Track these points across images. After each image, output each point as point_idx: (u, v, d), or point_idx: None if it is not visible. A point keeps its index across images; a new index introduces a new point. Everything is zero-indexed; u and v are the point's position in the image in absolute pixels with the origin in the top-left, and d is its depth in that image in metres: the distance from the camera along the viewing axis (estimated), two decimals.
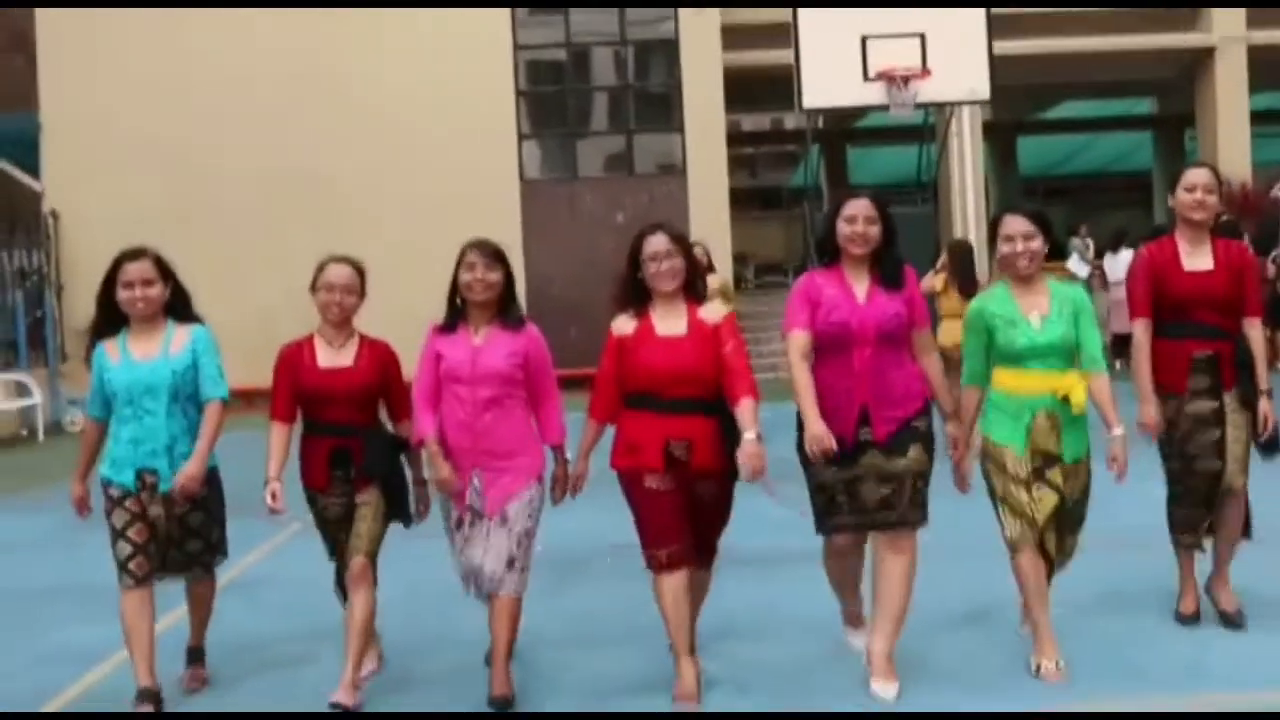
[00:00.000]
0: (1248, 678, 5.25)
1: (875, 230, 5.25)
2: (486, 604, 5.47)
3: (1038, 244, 5.36)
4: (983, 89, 15.24)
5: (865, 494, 5.21)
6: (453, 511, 5.45)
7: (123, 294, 5.38)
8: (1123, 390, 5.63)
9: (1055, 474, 5.34)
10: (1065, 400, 5.31)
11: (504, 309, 5.46)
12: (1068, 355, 5.40)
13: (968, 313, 5.56)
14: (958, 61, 14.94)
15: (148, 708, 5.27)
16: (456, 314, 5.46)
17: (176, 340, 5.44)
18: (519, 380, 5.41)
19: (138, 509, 5.37)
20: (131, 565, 5.35)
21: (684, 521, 5.30)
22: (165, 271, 5.47)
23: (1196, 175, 5.80)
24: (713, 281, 10.30)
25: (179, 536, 5.44)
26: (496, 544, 5.35)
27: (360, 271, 5.60)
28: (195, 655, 5.76)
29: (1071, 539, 5.50)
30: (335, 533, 5.57)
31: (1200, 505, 5.87)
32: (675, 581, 5.27)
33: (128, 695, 5.31)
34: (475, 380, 5.33)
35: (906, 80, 14.69)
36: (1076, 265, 19.66)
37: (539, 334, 5.52)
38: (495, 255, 5.43)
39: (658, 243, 5.34)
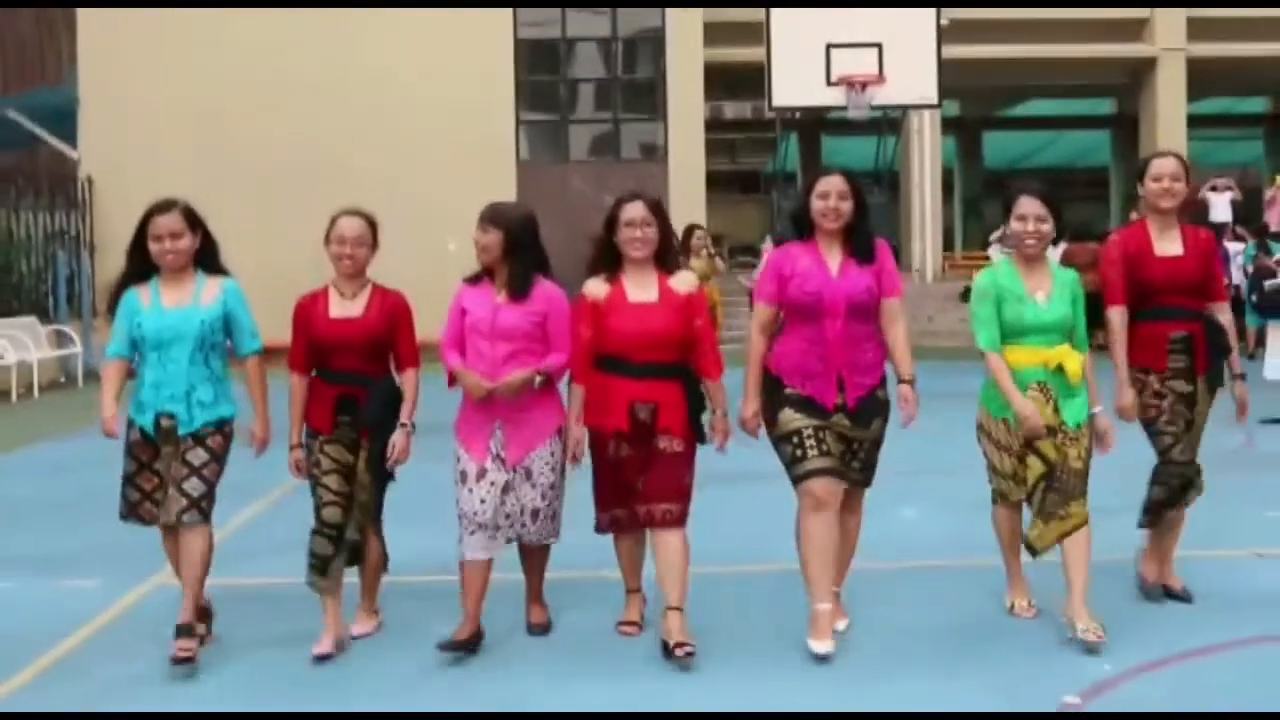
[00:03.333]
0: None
1: (847, 206, 5.33)
2: (473, 568, 5.38)
3: (1047, 227, 5.45)
4: (931, 95, 17.00)
5: (832, 443, 5.28)
6: (471, 461, 5.38)
7: (153, 246, 5.35)
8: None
9: (1047, 445, 5.39)
10: (1059, 370, 5.40)
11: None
12: (1065, 332, 5.48)
13: (979, 282, 5.61)
14: (911, 70, 16.59)
15: (189, 644, 5.19)
16: (483, 270, 5.49)
17: (207, 291, 5.43)
18: (538, 337, 5.38)
19: (147, 457, 5.38)
20: (141, 510, 5.41)
21: (624, 490, 5.40)
22: (194, 223, 5.43)
23: (1163, 165, 5.86)
24: (699, 264, 10.63)
25: (180, 475, 5.30)
26: (522, 497, 5.38)
27: (372, 224, 5.56)
28: (185, 630, 5.22)
29: (1077, 506, 5.40)
30: (327, 477, 5.41)
31: (1179, 490, 5.81)
32: (626, 542, 5.63)
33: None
34: (495, 335, 5.35)
35: (864, 85, 16.40)
36: (995, 252, 21.28)
37: (560, 293, 5.49)
38: (490, 219, 5.41)
39: (634, 210, 5.40)
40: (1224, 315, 5.92)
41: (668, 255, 5.49)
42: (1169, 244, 5.81)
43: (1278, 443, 10.24)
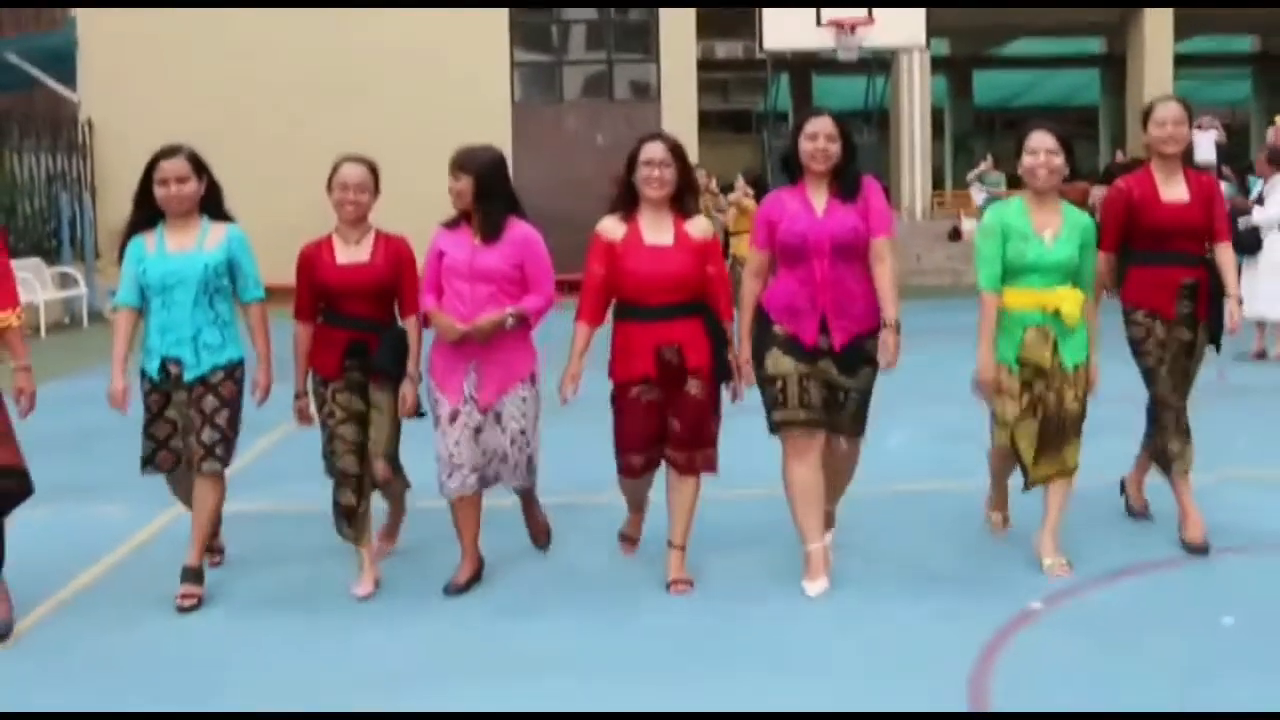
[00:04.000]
0: None
1: (835, 147, 5.33)
2: (459, 506, 5.51)
3: (1059, 160, 5.42)
4: (919, 37, 17.27)
5: (814, 393, 5.32)
6: (445, 404, 5.43)
7: (159, 190, 5.37)
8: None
9: (1039, 384, 5.43)
10: (1056, 314, 5.39)
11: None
12: (1069, 274, 5.45)
13: (987, 219, 5.58)
14: (898, 12, 16.86)
15: (195, 589, 5.40)
16: (459, 214, 5.50)
17: (212, 236, 5.45)
18: (516, 279, 5.41)
19: (157, 407, 5.44)
20: (158, 459, 5.48)
21: (653, 433, 5.41)
22: (200, 168, 5.46)
23: (1167, 110, 5.81)
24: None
25: (195, 424, 5.38)
26: (492, 440, 5.43)
27: (373, 170, 5.57)
28: (193, 575, 5.45)
29: (1071, 449, 5.50)
30: (338, 424, 5.46)
31: (1185, 434, 5.86)
32: (638, 485, 5.64)
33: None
34: (474, 278, 5.37)
35: (853, 27, 16.68)
36: (975, 192, 21.61)
37: (534, 234, 5.51)
38: (459, 165, 5.44)
39: (654, 149, 5.36)
40: (1225, 254, 5.91)
41: (685, 199, 5.47)
42: (1174, 189, 5.82)
43: (1247, 377, 10.65)
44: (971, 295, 5.85)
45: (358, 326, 5.49)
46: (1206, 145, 18.46)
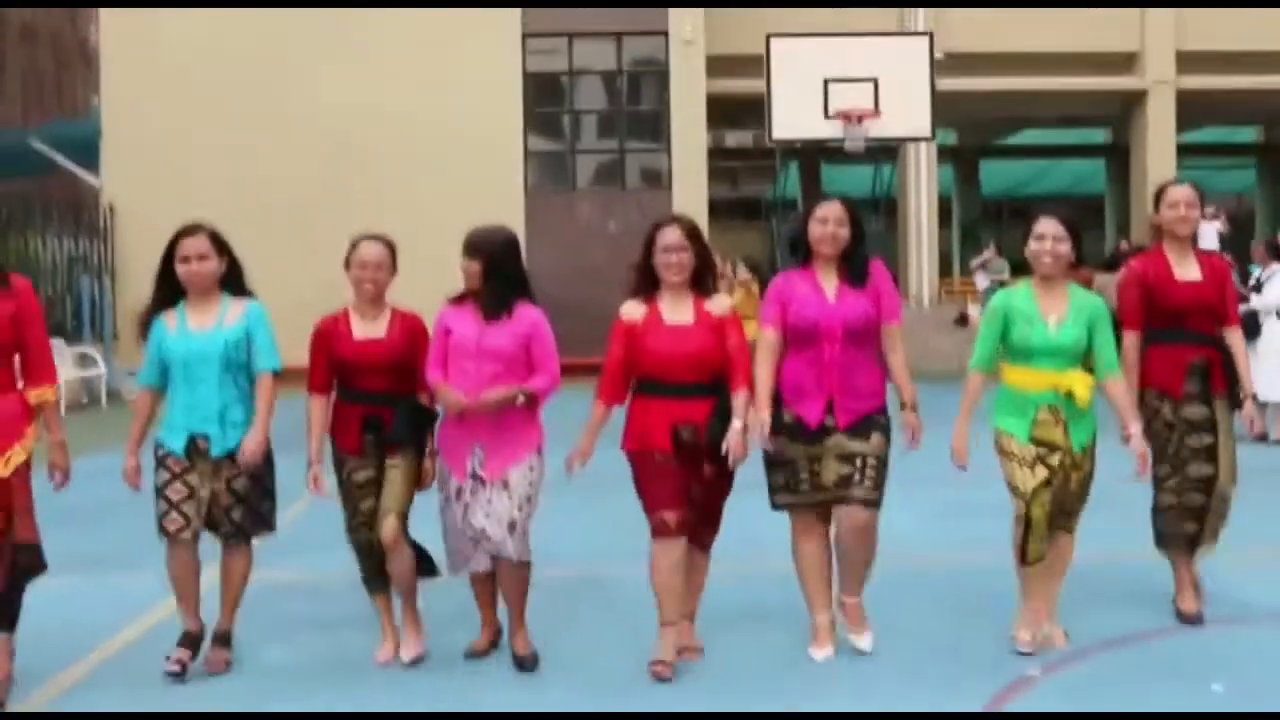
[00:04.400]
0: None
1: (845, 232, 5.43)
2: (474, 579, 5.64)
3: (1065, 247, 5.49)
4: (925, 128, 17.65)
5: (825, 472, 5.38)
6: (451, 480, 5.49)
7: (180, 267, 5.46)
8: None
9: (1054, 459, 5.47)
10: (1069, 395, 5.45)
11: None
12: (1076, 357, 5.51)
13: (992, 301, 5.67)
14: (905, 103, 17.26)
15: (185, 654, 5.45)
16: (466, 292, 5.57)
17: (231, 313, 5.51)
18: (522, 360, 5.45)
19: (178, 469, 5.43)
20: (165, 522, 5.43)
21: (686, 492, 5.36)
22: (221, 246, 5.55)
23: (1179, 193, 5.91)
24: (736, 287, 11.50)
25: (226, 502, 5.46)
26: (498, 508, 5.41)
27: (391, 248, 5.67)
28: (222, 639, 5.64)
29: (1067, 518, 5.60)
30: (359, 499, 5.55)
31: (1192, 519, 5.92)
32: (674, 551, 5.32)
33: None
34: (481, 356, 5.42)
35: (860, 119, 17.07)
36: (980, 279, 21.88)
37: (541, 317, 5.55)
38: (472, 248, 5.53)
39: (670, 235, 5.43)
40: (1236, 338, 5.97)
41: (705, 279, 5.52)
42: (1187, 269, 5.90)
43: (1247, 457, 10.70)
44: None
45: (374, 401, 5.56)
46: (1210, 235, 18.75)
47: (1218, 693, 5.08)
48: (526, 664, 5.54)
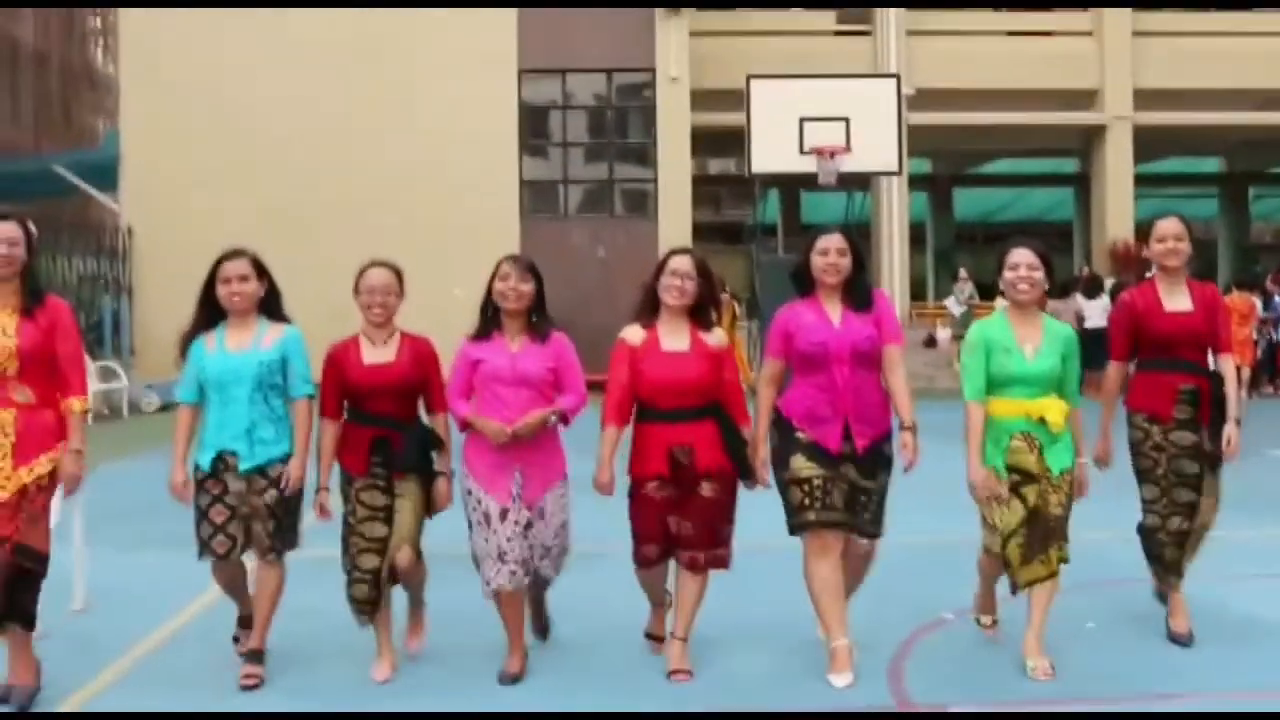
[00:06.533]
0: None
1: (846, 261, 5.55)
2: (507, 601, 5.60)
3: (1039, 275, 5.58)
4: (893, 163, 18.86)
5: (837, 495, 5.47)
6: (491, 505, 5.52)
7: (221, 289, 5.59)
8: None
9: (1030, 490, 5.52)
10: (1042, 421, 5.51)
11: (534, 319, 5.67)
12: (1051, 385, 5.58)
13: (970, 334, 5.71)
14: (875, 139, 18.37)
15: (257, 670, 5.62)
16: (489, 323, 5.66)
17: (269, 336, 5.64)
18: (551, 383, 5.60)
19: (218, 491, 5.55)
20: (214, 544, 5.57)
21: (666, 527, 5.58)
22: (260, 271, 5.70)
23: (1167, 226, 5.98)
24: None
25: (263, 515, 5.56)
26: (538, 534, 5.58)
27: (398, 274, 5.74)
28: (255, 656, 5.68)
29: (1056, 549, 5.56)
30: (358, 523, 5.56)
31: (1174, 544, 5.97)
32: (654, 573, 5.76)
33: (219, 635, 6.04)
34: (516, 383, 5.53)
35: (833, 154, 18.23)
36: (952, 305, 23.09)
37: (567, 340, 5.71)
38: (528, 268, 5.66)
39: (680, 263, 5.65)
40: (1227, 366, 6.01)
41: (704, 312, 5.71)
42: (1178, 299, 5.97)
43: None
44: (944, 398, 6.50)
45: (382, 424, 5.63)
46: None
47: (1090, 629, 6.16)
48: (542, 635, 6.07)
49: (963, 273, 24.68)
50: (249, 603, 5.83)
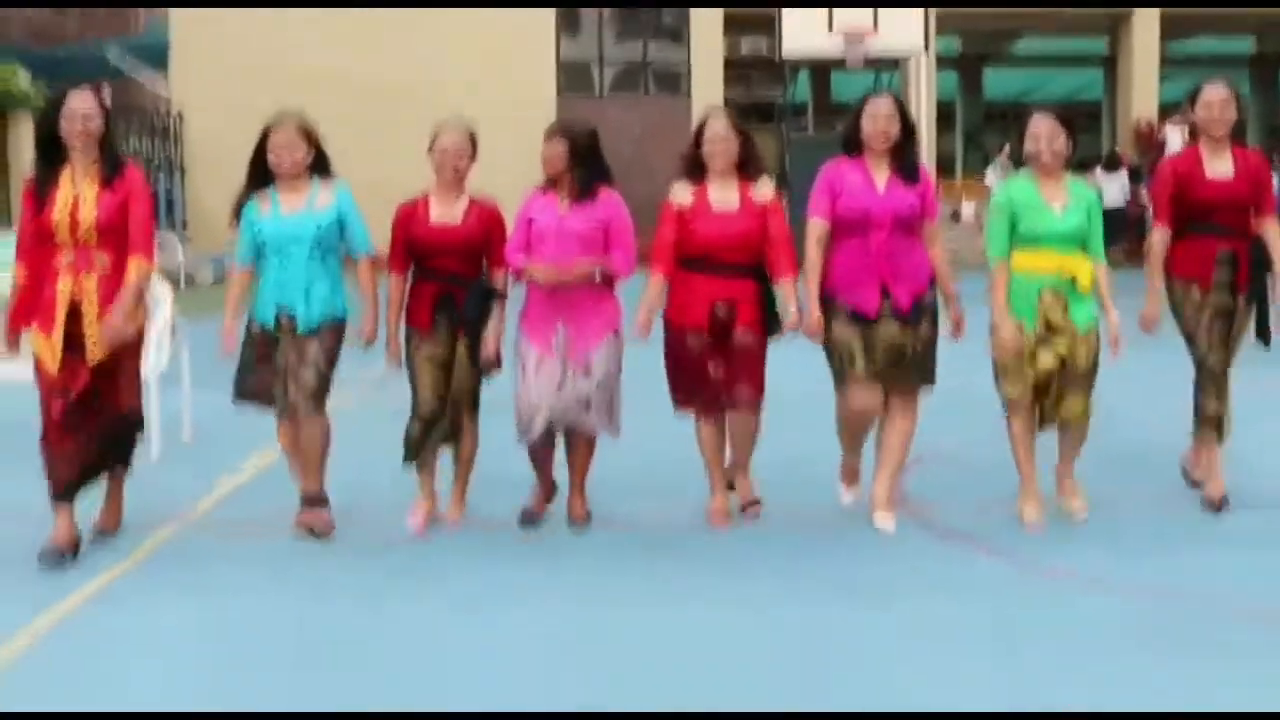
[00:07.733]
0: None
1: (895, 128, 5.57)
2: (537, 447, 5.77)
3: (1060, 142, 5.60)
4: (919, 46, 19.28)
5: (880, 353, 5.56)
6: (532, 351, 5.66)
7: (271, 156, 5.68)
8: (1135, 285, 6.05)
9: (1060, 342, 5.60)
10: (1073, 280, 5.59)
11: (577, 177, 5.69)
12: (1080, 242, 5.62)
13: (995, 197, 5.76)
14: (901, 22, 18.83)
15: (322, 512, 5.75)
16: (547, 182, 5.74)
17: (321, 197, 5.72)
18: (599, 241, 5.64)
19: (268, 345, 5.70)
20: (250, 384, 5.79)
21: (706, 381, 5.72)
22: (308, 135, 5.75)
23: (1213, 92, 5.97)
24: None
25: (297, 366, 5.64)
26: (579, 388, 5.64)
27: (472, 138, 5.81)
28: (317, 499, 5.78)
29: (1076, 400, 5.67)
30: (425, 373, 5.73)
31: (1215, 396, 5.98)
32: (708, 428, 5.87)
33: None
34: (562, 238, 5.62)
35: (861, 37, 18.75)
36: (992, 177, 23.66)
37: (620, 201, 5.75)
38: (556, 132, 5.74)
39: (715, 126, 5.70)
40: (1271, 229, 5.98)
41: (749, 165, 5.75)
42: (1220, 165, 5.94)
43: None
44: (968, 269, 6.62)
45: (446, 280, 5.76)
46: (1176, 141, 20.09)
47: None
48: (580, 525, 5.90)
49: (1006, 149, 25.06)
50: (323, 460, 5.86)
